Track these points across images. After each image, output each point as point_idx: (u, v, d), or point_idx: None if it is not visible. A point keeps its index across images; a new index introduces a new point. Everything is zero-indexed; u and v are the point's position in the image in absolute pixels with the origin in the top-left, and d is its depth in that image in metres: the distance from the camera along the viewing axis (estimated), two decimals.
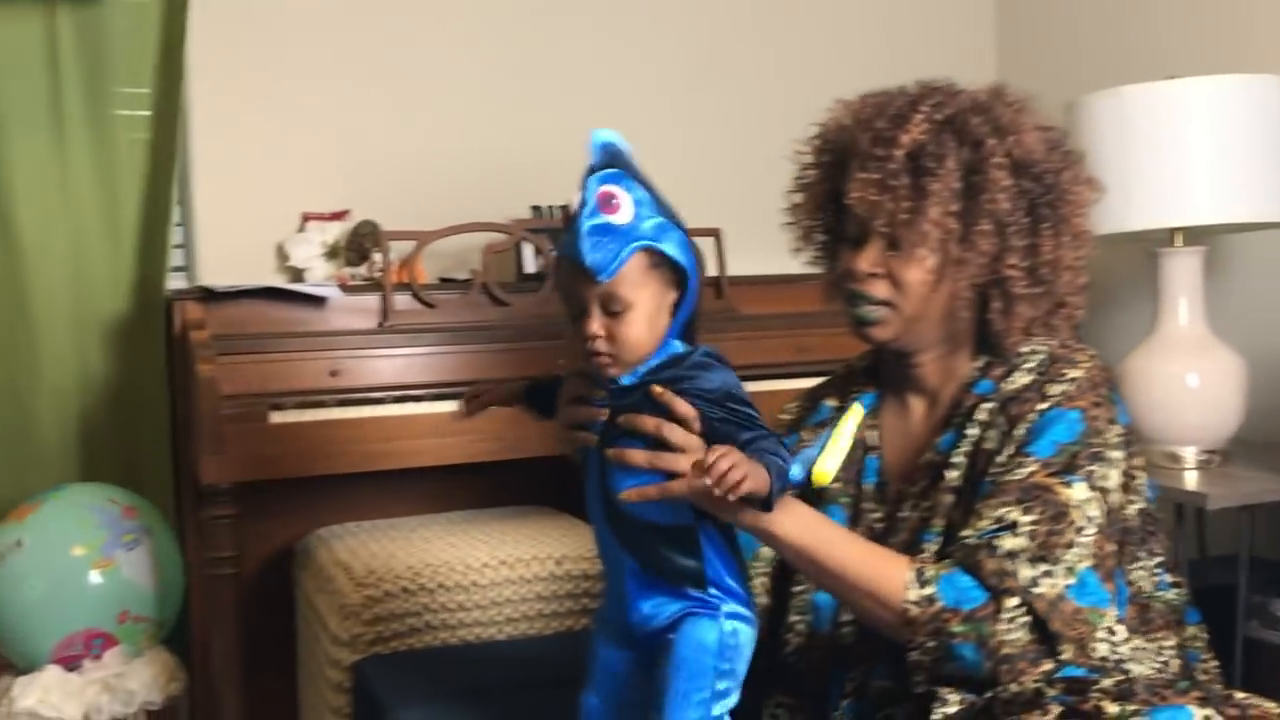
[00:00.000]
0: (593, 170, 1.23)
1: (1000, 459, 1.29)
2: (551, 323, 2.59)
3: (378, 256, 2.66)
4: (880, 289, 1.35)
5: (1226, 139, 2.21)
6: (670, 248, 1.23)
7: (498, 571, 2.14)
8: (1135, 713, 1.06)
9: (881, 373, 1.49)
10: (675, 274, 1.25)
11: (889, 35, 3.41)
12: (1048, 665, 1.20)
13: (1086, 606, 1.22)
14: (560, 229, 2.75)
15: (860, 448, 1.45)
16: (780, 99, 3.31)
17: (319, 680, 2.16)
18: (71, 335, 2.63)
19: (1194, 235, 2.35)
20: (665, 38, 3.20)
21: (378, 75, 2.93)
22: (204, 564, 2.28)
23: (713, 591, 1.24)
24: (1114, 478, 1.28)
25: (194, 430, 2.28)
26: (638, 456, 1.20)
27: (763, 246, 3.19)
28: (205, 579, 2.29)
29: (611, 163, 1.24)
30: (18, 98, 2.57)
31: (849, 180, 1.35)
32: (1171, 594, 1.38)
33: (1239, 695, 1.11)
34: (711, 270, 2.82)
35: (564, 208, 2.85)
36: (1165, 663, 1.32)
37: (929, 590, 1.21)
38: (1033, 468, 1.26)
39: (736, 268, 2.87)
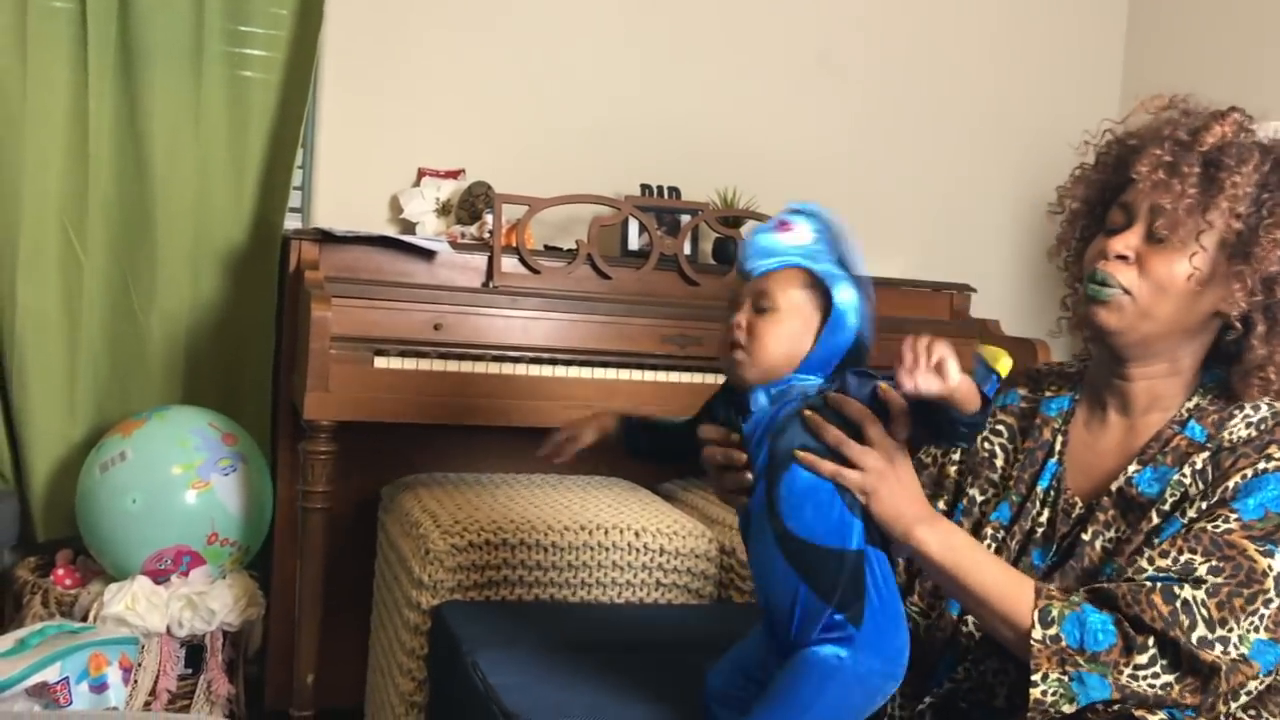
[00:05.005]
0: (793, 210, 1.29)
1: (1201, 505, 1.25)
2: (650, 300, 2.63)
3: (488, 217, 2.71)
4: (1125, 275, 1.29)
5: None
6: (828, 279, 1.25)
7: (577, 536, 2.18)
8: None
9: (1086, 377, 1.44)
10: (827, 306, 1.26)
11: (1009, 71, 3.41)
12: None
13: (1267, 674, 1.18)
14: (666, 209, 2.81)
15: (1043, 450, 1.42)
16: (899, 96, 3.33)
17: (395, 620, 2.22)
18: (188, 262, 2.72)
19: None
20: (783, 33, 3.22)
21: (507, 42, 2.99)
22: (297, 497, 2.35)
23: (850, 630, 1.21)
24: None
25: (302, 366, 2.35)
26: (826, 466, 1.22)
27: None
28: (297, 511, 2.36)
29: (819, 224, 1.28)
30: (163, 31, 2.66)
31: (1138, 161, 1.28)
32: None
33: None
34: None
35: (674, 189, 2.89)
36: None
37: (1053, 630, 1.19)
38: (1233, 525, 1.21)
39: None
